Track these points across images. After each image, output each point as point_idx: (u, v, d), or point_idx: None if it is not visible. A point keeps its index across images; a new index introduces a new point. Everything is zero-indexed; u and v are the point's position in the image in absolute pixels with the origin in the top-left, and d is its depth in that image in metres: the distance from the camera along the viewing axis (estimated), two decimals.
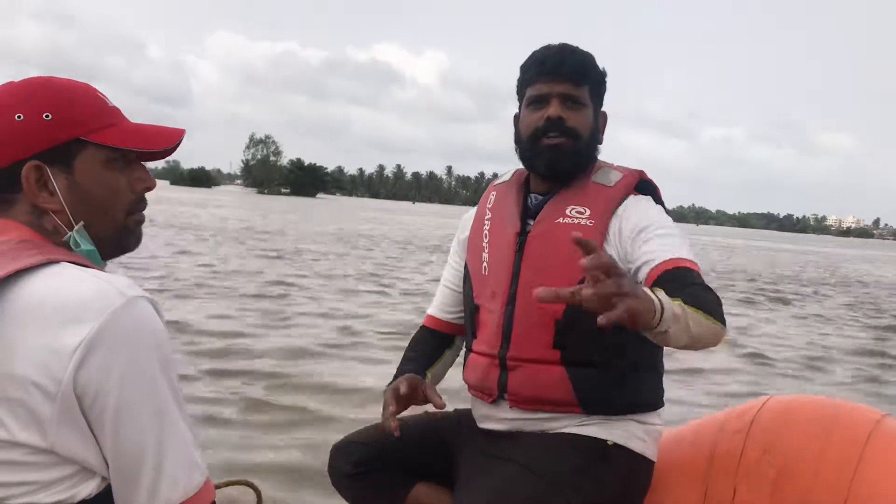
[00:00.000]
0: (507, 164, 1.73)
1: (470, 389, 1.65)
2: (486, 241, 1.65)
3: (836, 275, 21.31)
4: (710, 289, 1.36)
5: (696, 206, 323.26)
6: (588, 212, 1.53)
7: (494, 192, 1.72)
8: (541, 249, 1.54)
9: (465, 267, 1.70)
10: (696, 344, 1.30)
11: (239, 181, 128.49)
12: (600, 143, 1.64)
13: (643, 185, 1.60)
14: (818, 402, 1.58)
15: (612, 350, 1.50)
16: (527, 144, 1.59)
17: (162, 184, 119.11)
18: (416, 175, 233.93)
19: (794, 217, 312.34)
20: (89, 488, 0.91)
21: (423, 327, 1.79)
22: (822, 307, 11.73)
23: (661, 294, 1.21)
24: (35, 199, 1.01)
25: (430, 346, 1.74)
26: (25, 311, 0.89)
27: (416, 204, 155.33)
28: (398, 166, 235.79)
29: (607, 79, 1.64)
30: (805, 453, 1.45)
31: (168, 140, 1.08)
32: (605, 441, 1.50)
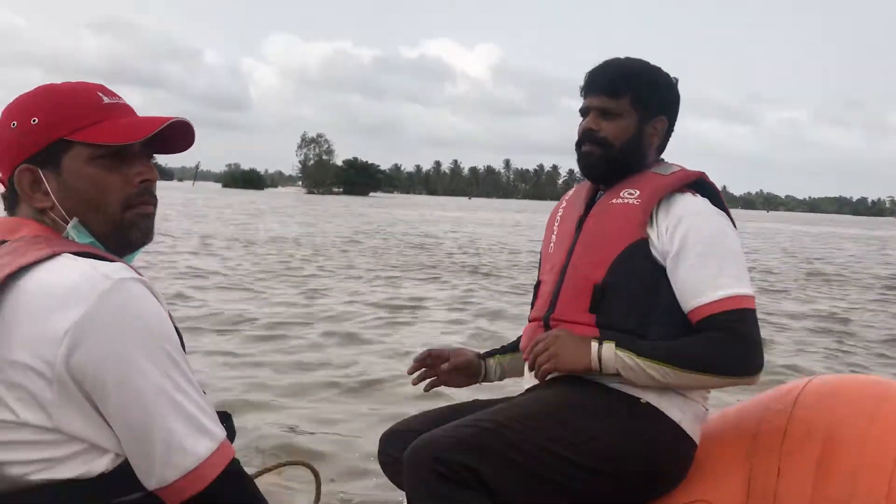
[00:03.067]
0: (565, 155, 1.88)
1: (523, 356, 1.72)
2: (556, 225, 1.82)
3: None
4: (723, 337, 1.48)
5: (765, 191, 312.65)
6: (637, 192, 1.64)
7: (575, 188, 1.90)
8: (593, 226, 1.68)
9: (541, 252, 1.87)
10: (675, 387, 1.51)
11: (300, 183, 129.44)
12: (652, 147, 1.73)
13: (702, 186, 1.66)
14: (864, 381, 1.57)
15: (645, 319, 1.55)
16: (576, 150, 1.77)
17: (214, 186, 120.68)
18: (473, 170, 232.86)
19: (869, 200, 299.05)
20: (103, 464, 0.96)
21: None
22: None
23: (606, 349, 1.50)
24: (30, 199, 1.07)
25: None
26: (23, 301, 0.94)
27: (473, 199, 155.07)
28: (455, 161, 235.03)
29: (675, 85, 1.74)
30: (850, 431, 1.44)
31: (140, 131, 1.06)
32: (639, 399, 1.53)
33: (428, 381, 1.87)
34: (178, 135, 1.14)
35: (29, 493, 0.94)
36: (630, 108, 1.68)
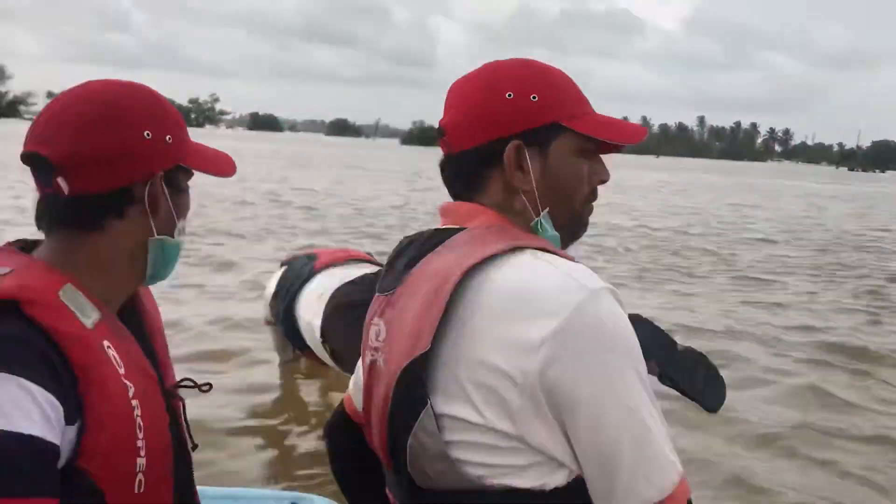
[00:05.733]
0: (767, 113, 3.82)
1: None
2: None
3: None
4: None
5: None
6: None
7: None
8: None
9: None
10: None
11: None
12: None
13: None
14: None
15: None
16: None
17: (392, 143, 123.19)
18: (662, 127, 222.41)
19: None
20: (559, 479, 0.94)
21: None
22: None
23: None
24: (512, 177, 1.03)
25: None
26: (492, 300, 0.93)
27: (660, 158, 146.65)
28: (643, 118, 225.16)
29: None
30: None
31: (636, 135, 1.08)
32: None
33: None
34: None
35: (486, 496, 0.94)
36: None
